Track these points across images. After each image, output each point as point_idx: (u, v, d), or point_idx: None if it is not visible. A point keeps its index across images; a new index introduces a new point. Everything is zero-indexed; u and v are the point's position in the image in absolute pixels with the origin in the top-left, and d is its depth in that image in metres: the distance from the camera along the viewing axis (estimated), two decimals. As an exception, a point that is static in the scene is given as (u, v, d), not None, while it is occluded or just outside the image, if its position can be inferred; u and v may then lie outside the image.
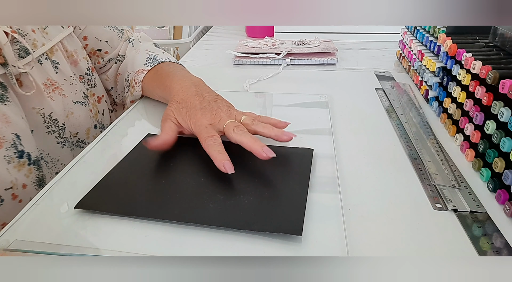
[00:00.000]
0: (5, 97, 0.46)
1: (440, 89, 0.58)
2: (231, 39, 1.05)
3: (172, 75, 0.57)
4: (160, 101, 0.63)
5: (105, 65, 0.68)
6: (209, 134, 0.45)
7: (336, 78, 0.76)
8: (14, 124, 0.47)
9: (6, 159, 0.46)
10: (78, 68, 0.61)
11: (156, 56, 0.64)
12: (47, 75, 0.54)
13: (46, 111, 0.53)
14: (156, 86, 0.60)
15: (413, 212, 0.39)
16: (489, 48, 0.50)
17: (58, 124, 0.55)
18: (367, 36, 1.06)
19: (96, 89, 0.65)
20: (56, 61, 0.56)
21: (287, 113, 0.60)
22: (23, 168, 0.48)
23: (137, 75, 0.62)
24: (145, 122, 0.59)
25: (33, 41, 0.52)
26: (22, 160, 0.48)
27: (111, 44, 0.67)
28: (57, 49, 0.56)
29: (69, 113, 0.57)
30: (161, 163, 0.46)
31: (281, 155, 0.45)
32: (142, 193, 0.40)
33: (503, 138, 0.39)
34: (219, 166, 0.42)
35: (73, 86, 0.58)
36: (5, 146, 0.46)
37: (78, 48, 0.61)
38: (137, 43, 0.70)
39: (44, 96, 0.52)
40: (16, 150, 0.47)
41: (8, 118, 0.46)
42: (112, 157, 0.49)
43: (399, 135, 0.53)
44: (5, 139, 0.46)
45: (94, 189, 0.40)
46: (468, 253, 0.34)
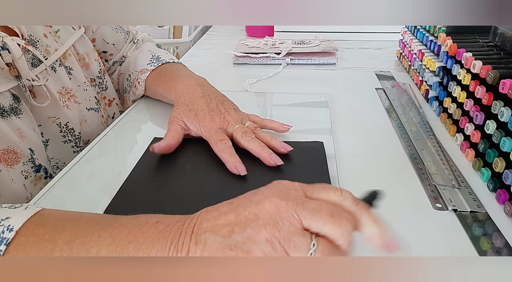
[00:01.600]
0: (18, 110, 0.45)
1: (440, 89, 0.58)
2: (231, 39, 1.05)
3: (176, 75, 0.57)
4: (160, 101, 0.63)
5: (109, 68, 0.68)
6: (219, 138, 0.46)
7: (336, 77, 0.76)
8: (28, 138, 0.46)
9: (24, 174, 0.45)
10: (89, 71, 0.60)
11: (160, 56, 0.64)
12: (62, 83, 0.52)
13: (62, 120, 0.52)
14: (159, 86, 0.59)
15: (413, 212, 0.39)
16: (489, 48, 0.50)
17: (75, 134, 0.54)
18: (367, 35, 1.06)
19: (107, 92, 0.64)
20: (70, 67, 0.54)
21: (287, 113, 0.60)
22: (39, 182, 0.47)
23: (140, 75, 0.62)
24: (145, 122, 0.59)
25: (46, 47, 0.51)
26: (39, 174, 0.47)
27: (117, 46, 0.67)
28: (70, 53, 0.55)
29: (82, 121, 0.56)
30: (176, 165, 0.45)
31: (294, 150, 0.46)
32: (164, 198, 0.40)
33: (503, 138, 0.39)
34: (231, 169, 0.43)
35: (86, 92, 0.57)
36: (22, 161, 0.45)
37: (89, 50, 0.60)
38: (140, 44, 0.70)
39: (60, 106, 0.51)
40: (33, 164, 0.46)
41: (23, 133, 0.45)
42: (112, 157, 0.49)
43: (399, 135, 0.53)
44: (23, 154, 0.45)
45: (116, 197, 0.40)
46: (468, 253, 0.34)
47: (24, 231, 0.28)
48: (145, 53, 0.65)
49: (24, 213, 0.29)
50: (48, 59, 0.51)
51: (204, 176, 0.43)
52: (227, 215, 0.27)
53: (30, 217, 0.28)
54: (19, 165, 0.45)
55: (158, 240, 0.26)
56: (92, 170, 0.46)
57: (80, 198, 0.41)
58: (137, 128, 0.57)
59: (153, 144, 0.47)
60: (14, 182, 0.44)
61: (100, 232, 0.27)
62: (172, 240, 0.26)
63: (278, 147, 0.46)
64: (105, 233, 0.27)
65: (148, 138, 0.51)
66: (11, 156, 0.44)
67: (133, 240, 0.26)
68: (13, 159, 0.44)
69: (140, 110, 0.62)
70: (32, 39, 0.49)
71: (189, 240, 0.26)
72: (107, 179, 0.44)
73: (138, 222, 0.28)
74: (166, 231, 0.27)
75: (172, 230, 0.27)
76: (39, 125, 0.50)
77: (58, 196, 0.41)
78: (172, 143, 0.47)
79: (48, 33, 0.52)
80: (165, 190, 0.41)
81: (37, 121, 0.50)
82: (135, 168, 0.45)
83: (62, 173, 0.45)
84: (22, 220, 0.28)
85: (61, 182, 0.43)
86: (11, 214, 0.28)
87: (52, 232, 0.28)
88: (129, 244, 0.26)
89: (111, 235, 0.27)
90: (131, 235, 0.27)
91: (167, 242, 0.26)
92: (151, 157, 0.47)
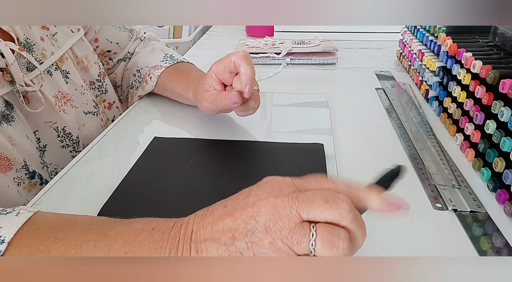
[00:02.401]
0: (10, 117, 0.45)
1: (440, 89, 0.58)
2: (231, 39, 1.05)
3: (193, 73, 0.59)
4: (159, 101, 0.63)
5: (113, 66, 0.68)
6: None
7: (336, 77, 0.76)
8: (19, 146, 0.46)
9: (16, 181, 0.45)
10: (88, 74, 0.59)
11: (173, 55, 0.65)
12: (58, 87, 0.52)
13: (59, 125, 0.51)
14: (175, 81, 0.60)
15: (413, 212, 0.39)
16: (489, 47, 0.50)
17: (72, 138, 0.53)
18: (367, 35, 1.06)
19: (107, 95, 0.64)
20: (67, 71, 0.54)
21: (287, 113, 0.60)
22: (34, 188, 0.47)
23: (154, 70, 0.62)
24: (145, 122, 0.59)
25: (42, 51, 0.50)
26: (34, 180, 0.47)
27: (121, 45, 0.67)
28: (67, 57, 0.54)
29: (80, 125, 0.56)
30: (174, 165, 0.45)
31: (293, 151, 0.46)
32: (161, 197, 0.40)
33: (503, 138, 0.39)
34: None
35: (84, 96, 0.57)
36: (16, 167, 0.45)
37: (89, 53, 0.60)
38: (147, 42, 0.71)
39: (56, 110, 0.51)
40: (27, 171, 0.46)
41: (14, 140, 0.45)
42: (112, 157, 0.49)
43: (399, 135, 0.53)
44: (16, 161, 0.45)
45: (113, 196, 0.40)
46: (468, 253, 0.34)
47: (17, 242, 0.27)
48: (157, 52, 0.66)
49: (16, 221, 0.28)
50: (44, 63, 0.50)
51: (202, 176, 0.43)
52: (223, 219, 0.26)
53: (21, 225, 0.28)
54: (12, 171, 0.44)
55: (156, 250, 0.26)
56: (92, 170, 0.46)
57: (78, 199, 0.41)
58: (137, 128, 0.57)
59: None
60: (10, 188, 0.44)
61: (95, 241, 0.27)
62: (170, 250, 0.26)
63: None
64: (100, 243, 0.27)
65: (148, 138, 0.51)
66: (4, 162, 0.43)
67: (130, 250, 0.26)
68: (6, 165, 0.44)
69: (140, 110, 0.62)
70: (28, 43, 0.48)
71: (189, 249, 0.26)
72: (107, 179, 0.44)
73: (134, 229, 0.27)
74: (163, 240, 0.26)
75: (169, 239, 0.26)
76: (36, 131, 0.50)
77: (56, 198, 0.41)
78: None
79: (45, 36, 0.52)
80: (163, 190, 0.41)
81: (33, 127, 0.49)
82: (133, 167, 0.45)
83: (62, 173, 0.45)
84: (13, 230, 0.27)
85: (61, 183, 0.43)
86: (2, 223, 0.28)
87: (45, 242, 0.27)
88: (126, 254, 0.26)
89: (106, 245, 0.26)
90: (127, 244, 0.26)
91: (165, 252, 0.26)
92: (150, 156, 0.47)
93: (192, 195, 0.40)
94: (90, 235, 0.27)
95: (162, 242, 0.26)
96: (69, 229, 0.28)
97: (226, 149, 0.49)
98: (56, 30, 0.54)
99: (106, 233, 0.27)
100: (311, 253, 0.24)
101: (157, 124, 0.58)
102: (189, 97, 0.57)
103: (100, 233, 0.27)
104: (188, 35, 1.27)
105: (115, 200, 0.39)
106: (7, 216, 0.28)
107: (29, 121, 0.48)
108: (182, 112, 0.60)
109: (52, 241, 0.27)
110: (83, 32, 0.59)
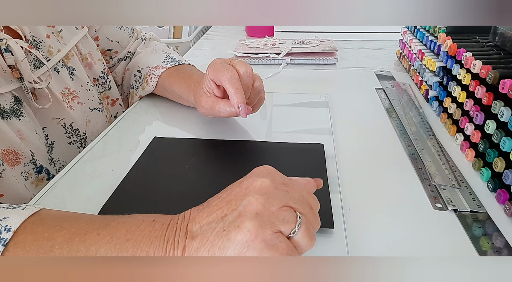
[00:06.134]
0: (20, 112, 0.46)
1: (440, 89, 0.58)
2: (231, 39, 1.05)
3: (195, 76, 0.59)
4: (160, 102, 0.63)
5: (114, 65, 0.68)
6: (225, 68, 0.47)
7: (336, 77, 0.76)
8: (28, 140, 0.46)
9: (23, 175, 0.45)
10: (92, 71, 0.60)
11: (174, 57, 0.65)
12: (65, 84, 0.53)
13: (66, 121, 0.52)
14: (175, 83, 0.60)
15: (413, 212, 0.39)
16: (489, 47, 0.50)
17: (80, 134, 0.54)
18: (367, 35, 1.06)
19: (110, 92, 0.64)
20: (73, 68, 0.55)
21: (287, 113, 0.60)
22: (41, 183, 0.48)
23: (154, 71, 0.62)
24: (145, 122, 0.59)
25: (48, 48, 0.51)
26: (41, 175, 0.48)
27: (121, 44, 0.67)
28: (72, 54, 0.55)
29: (87, 121, 0.56)
30: (174, 165, 0.45)
31: (293, 151, 0.46)
32: (161, 197, 0.40)
33: (503, 138, 0.39)
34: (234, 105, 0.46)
35: (89, 93, 0.57)
36: (23, 162, 0.45)
37: (93, 50, 0.60)
38: (148, 42, 0.71)
39: (63, 106, 0.51)
40: (35, 166, 0.46)
41: (23, 134, 0.45)
42: (113, 156, 0.49)
43: (399, 135, 0.53)
44: (24, 155, 0.45)
45: (113, 195, 0.40)
46: (468, 253, 0.34)
47: (23, 229, 0.28)
48: (159, 52, 0.66)
49: (22, 213, 0.29)
50: (51, 60, 0.51)
51: (201, 176, 0.43)
52: (219, 206, 0.28)
53: (28, 217, 0.29)
54: (19, 165, 0.45)
55: (156, 237, 0.27)
56: (92, 169, 0.46)
57: (81, 198, 0.41)
58: (137, 128, 0.57)
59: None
60: (18, 182, 0.44)
61: (98, 230, 0.28)
62: (168, 238, 0.27)
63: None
64: (103, 231, 0.28)
65: (148, 138, 0.51)
66: (12, 156, 0.44)
67: (131, 238, 0.27)
68: (14, 159, 0.44)
69: (140, 110, 0.62)
70: (35, 40, 0.49)
71: (184, 237, 0.27)
72: (107, 179, 0.44)
73: (135, 220, 0.29)
74: (162, 229, 0.28)
75: (167, 228, 0.28)
76: (44, 127, 0.50)
77: (59, 196, 0.41)
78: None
79: (51, 33, 0.52)
80: (163, 190, 0.41)
81: (41, 123, 0.50)
82: (133, 167, 0.45)
83: (62, 172, 0.45)
84: (19, 220, 0.28)
85: (62, 182, 0.43)
86: (8, 214, 0.29)
87: (51, 230, 0.28)
88: (127, 241, 0.27)
89: (109, 233, 0.28)
90: (129, 233, 0.27)
91: (164, 239, 0.27)
92: (150, 156, 0.47)
93: (192, 194, 0.40)
94: (94, 225, 0.29)
95: (161, 231, 0.28)
96: (73, 220, 0.30)
97: (226, 149, 0.49)
98: (61, 28, 0.54)
99: (109, 223, 0.29)
100: (290, 234, 0.26)
101: (157, 125, 0.58)
102: (190, 100, 0.57)
103: (103, 223, 0.29)
104: (188, 35, 1.27)
105: (116, 200, 0.39)
106: (14, 210, 0.30)
107: (37, 118, 0.49)
108: (182, 113, 0.60)
109: (57, 229, 0.28)
110: (87, 29, 0.59)
